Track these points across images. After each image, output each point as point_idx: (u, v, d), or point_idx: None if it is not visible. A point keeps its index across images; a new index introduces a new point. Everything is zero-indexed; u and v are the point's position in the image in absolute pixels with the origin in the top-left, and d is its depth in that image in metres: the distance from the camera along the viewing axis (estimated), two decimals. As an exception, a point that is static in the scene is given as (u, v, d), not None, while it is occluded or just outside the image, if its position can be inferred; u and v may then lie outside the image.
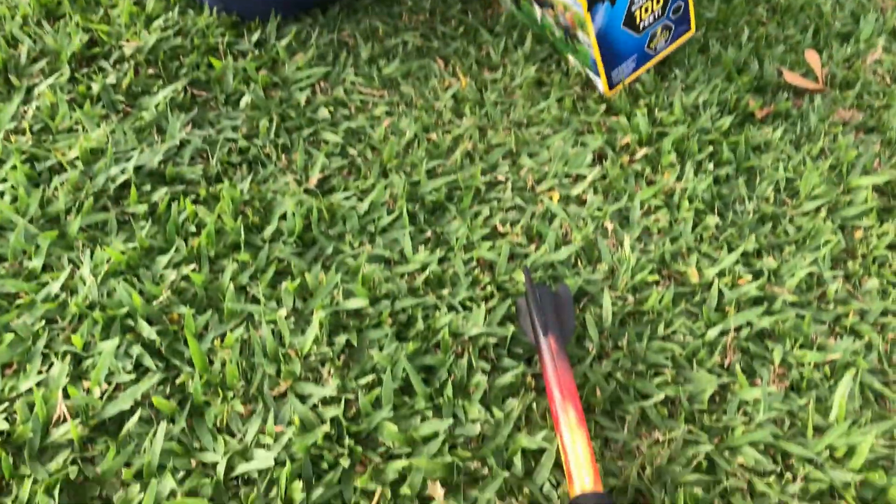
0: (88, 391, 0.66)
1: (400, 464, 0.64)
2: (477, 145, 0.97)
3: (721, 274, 0.83)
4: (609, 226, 0.88)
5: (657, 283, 0.83)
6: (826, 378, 0.75)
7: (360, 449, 0.64)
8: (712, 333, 0.77)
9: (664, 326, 0.78)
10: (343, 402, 0.67)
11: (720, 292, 0.81)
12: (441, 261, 0.83)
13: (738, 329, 0.78)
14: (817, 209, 0.92)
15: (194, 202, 0.85)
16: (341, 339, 0.72)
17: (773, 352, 0.77)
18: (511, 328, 0.75)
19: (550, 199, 0.91)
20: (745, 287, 0.81)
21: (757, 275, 0.84)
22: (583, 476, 0.61)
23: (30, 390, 0.66)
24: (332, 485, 0.62)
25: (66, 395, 0.65)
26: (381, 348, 0.72)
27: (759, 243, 0.87)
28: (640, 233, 0.88)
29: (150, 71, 1.02)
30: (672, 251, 0.86)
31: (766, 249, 0.87)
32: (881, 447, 0.69)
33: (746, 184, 0.95)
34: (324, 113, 1.00)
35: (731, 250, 0.86)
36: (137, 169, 0.87)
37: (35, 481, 0.59)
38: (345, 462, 0.63)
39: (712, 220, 0.89)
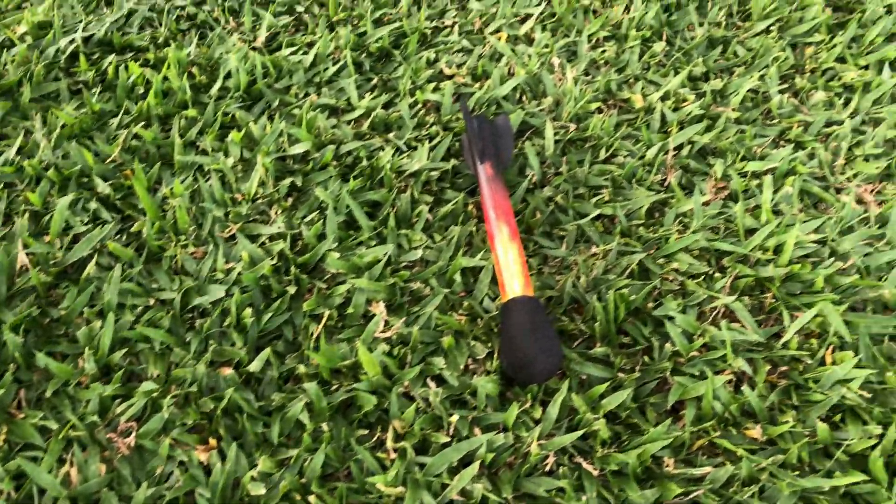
0: (49, 243, 0.70)
1: (344, 287, 0.67)
2: (424, -7, 0.96)
3: (665, 97, 0.84)
4: (556, 61, 0.88)
5: (600, 110, 0.83)
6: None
7: (306, 277, 0.68)
8: (652, 153, 0.78)
9: (605, 150, 0.79)
10: (290, 237, 0.71)
11: (663, 114, 0.82)
12: (387, 105, 0.84)
13: (678, 148, 0.79)
14: (768, 28, 0.91)
15: (142, 66, 0.86)
16: (287, 182, 0.75)
17: (713, 166, 0.78)
18: (454, 162, 0.77)
19: (498, 39, 0.91)
20: (689, 107, 0.82)
21: (701, 95, 0.84)
22: (513, 283, 0.64)
23: (-6, 246, 0.70)
24: (281, 311, 0.66)
25: (27, 247, 0.69)
26: (325, 188, 0.75)
27: (707, 66, 0.87)
28: (587, 65, 0.88)
29: (94, -55, 1.01)
30: (618, 80, 0.86)
31: (713, 72, 0.87)
32: (811, 243, 0.71)
33: (697, 10, 0.94)
34: (270, -26, 0.99)
35: (677, 75, 0.86)
36: (86, 39, 0.88)
37: (1, 322, 0.64)
38: (291, 289, 0.67)
39: (660, 47, 0.88)
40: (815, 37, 0.89)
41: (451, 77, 0.87)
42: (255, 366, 0.62)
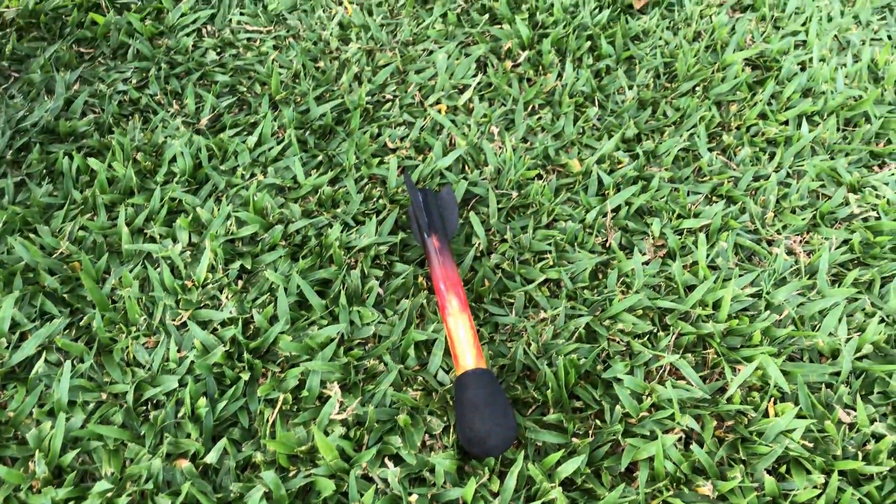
0: (-5, 343, 0.69)
1: (298, 370, 0.68)
2: (364, 68, 0.99)
3: (600, 161, 0.87)
4: (495, 129, 0.91)
5: (540, 176, 0.86)
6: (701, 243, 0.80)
7: (259, 362, 0.68)
8: (591, 216, 0.81)
9: (547, 215, 0.82)
10: (241, 322, 0.71)
11: (599, 178, 0.85)
12: (333, 181, 0.86)
13: (616, 209, 0.82)
14: (694, 88, 0.96)
15: (86, 155, 0.86)
16: (236, 265, 0.75)
17: (650, 226, 0.81)
18: (401, 235, 0.79)
19: (438, 111, 0.94)
20: (624, 169, 0.85)
21: (635, 157, 0.88)
22: (465, 356, 0.65)
23: (-62, 349, 0.69)
24: (235, 398, 0.66)
25: (-27, 349, 0.68)
26: (275, 269, 0.76)
27: (639, 127, 0.91)
28: (525, 132, 0.91)
29: (34, 34, 1.02)
30: (555, 146, 0.89)
31: (645, 133, 0.91)
32: (747, 297, 0.74)
33: (626, 73, 0.98)
34: (212, 55, 1.01)
35: (611, 138, 0.90)
36: (25, 130, 0.88)
37: (-51, 429, 0.63)
38: (245, 375, 0.67)
39: (593, 111, 0.92)
40: (738, 95, 0.94)
41: (394, 150, 0.89)
42: (211, 457, 0.62)
